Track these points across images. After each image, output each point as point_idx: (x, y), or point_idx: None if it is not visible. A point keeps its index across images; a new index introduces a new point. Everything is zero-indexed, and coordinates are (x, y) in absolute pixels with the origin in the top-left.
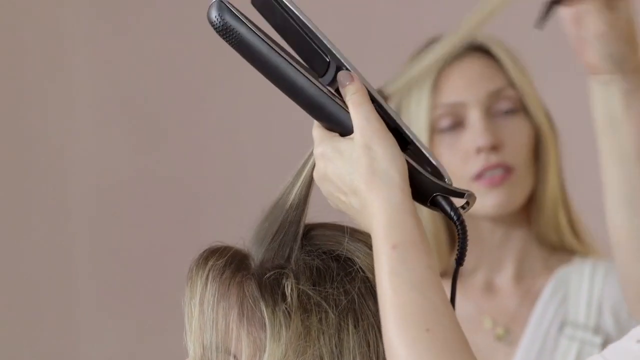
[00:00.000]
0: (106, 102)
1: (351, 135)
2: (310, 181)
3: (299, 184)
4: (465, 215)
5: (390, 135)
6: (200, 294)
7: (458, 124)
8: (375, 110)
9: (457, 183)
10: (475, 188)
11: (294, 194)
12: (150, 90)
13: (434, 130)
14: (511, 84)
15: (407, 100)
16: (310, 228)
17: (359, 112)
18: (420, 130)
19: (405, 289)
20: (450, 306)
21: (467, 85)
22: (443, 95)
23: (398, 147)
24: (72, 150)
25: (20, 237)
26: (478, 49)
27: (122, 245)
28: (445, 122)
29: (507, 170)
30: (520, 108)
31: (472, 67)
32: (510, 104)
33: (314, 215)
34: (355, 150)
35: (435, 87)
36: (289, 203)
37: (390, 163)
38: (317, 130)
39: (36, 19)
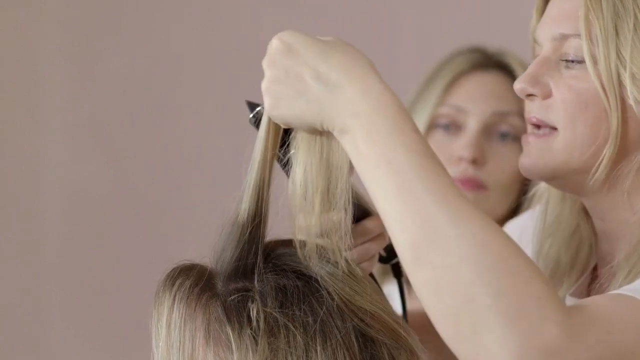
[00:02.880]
0: (76, 120)
1: None
2: (259, 190)
3: (246, 196)
4: None
5: None
6: (167, 316)
7: (455, 127)
8: None
9: None
10: None
11: (243, 208)
12: (120, 107)
13: (432, 124)
14: (520, 112)
15: (421, 94)
16: (274, 245)
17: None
18: (420, 122)
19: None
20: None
21: (476, 97)
22: (452, 96)
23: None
24: (42, 172)
25: None
26: (505, 68)
27: (94, 268)
28: (443, 120)
29: (479, 186)
30: (519, 139)
31: (490, 82)
32: (511, 131)
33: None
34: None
35: (449, 86)
36: (241, 218)
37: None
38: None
39: (8, 37)
